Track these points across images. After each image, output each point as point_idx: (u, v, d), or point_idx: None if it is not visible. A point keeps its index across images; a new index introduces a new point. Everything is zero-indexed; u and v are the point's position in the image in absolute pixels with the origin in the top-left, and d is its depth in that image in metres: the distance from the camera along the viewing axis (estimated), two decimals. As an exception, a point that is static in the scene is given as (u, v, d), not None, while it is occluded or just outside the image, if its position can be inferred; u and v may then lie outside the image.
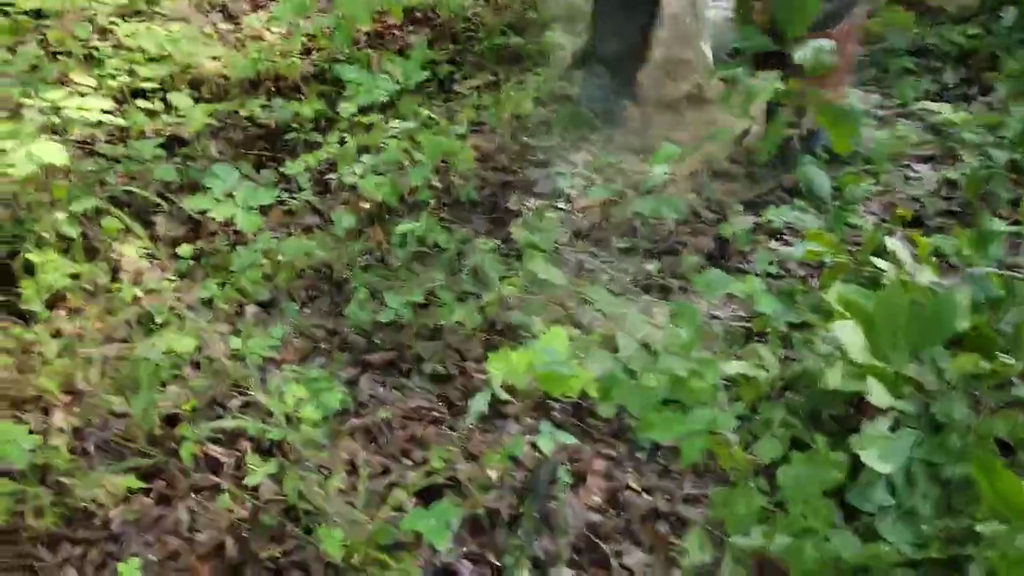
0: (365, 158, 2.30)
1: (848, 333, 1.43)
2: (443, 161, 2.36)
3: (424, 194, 2.22)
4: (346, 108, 2.41)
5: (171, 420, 1.73)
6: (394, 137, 2.28)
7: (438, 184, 2.33)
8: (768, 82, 1.88)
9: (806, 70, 1.94)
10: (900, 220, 2.07)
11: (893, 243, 1.69)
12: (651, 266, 2.06)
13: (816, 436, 1.44)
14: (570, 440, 1.58)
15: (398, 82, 2.38)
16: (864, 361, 1.44)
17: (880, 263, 1.67)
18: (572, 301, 1.93)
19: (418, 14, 3.21)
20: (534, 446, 1.65)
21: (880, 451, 1.37)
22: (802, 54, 1.89)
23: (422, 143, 2.21)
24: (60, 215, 2.10)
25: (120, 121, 2.34)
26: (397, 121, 2.37)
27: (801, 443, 1.53)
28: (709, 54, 2.65)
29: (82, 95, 2.30)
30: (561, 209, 2.29)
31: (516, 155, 2.44)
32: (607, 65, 2.60)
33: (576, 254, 2.11)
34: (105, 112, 2.28)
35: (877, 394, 1.41)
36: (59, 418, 1.73)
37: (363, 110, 2.45)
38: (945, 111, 2.33)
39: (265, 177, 2.52)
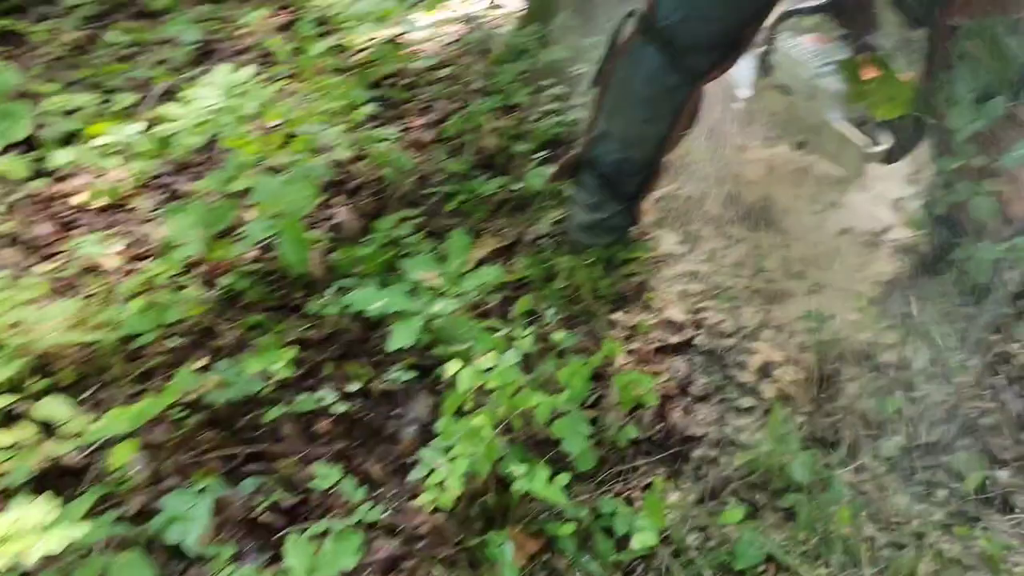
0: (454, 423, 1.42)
1: None
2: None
3: (586, 461, 1.37)
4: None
5: None
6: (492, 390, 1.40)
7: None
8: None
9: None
10: None
11: None
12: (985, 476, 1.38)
13: None
14: None
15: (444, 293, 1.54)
16: None
17: None
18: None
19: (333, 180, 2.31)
20: None
21: None
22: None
23: (563, 380, 1.38)
24: None
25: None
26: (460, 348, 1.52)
27: None
28: (850, 131, 1.93)
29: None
30: (747, 409, 1.55)
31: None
32: (602, 178, 1.86)
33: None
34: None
35: None
36: None
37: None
38: None
39: (248, 490, 1.55)
